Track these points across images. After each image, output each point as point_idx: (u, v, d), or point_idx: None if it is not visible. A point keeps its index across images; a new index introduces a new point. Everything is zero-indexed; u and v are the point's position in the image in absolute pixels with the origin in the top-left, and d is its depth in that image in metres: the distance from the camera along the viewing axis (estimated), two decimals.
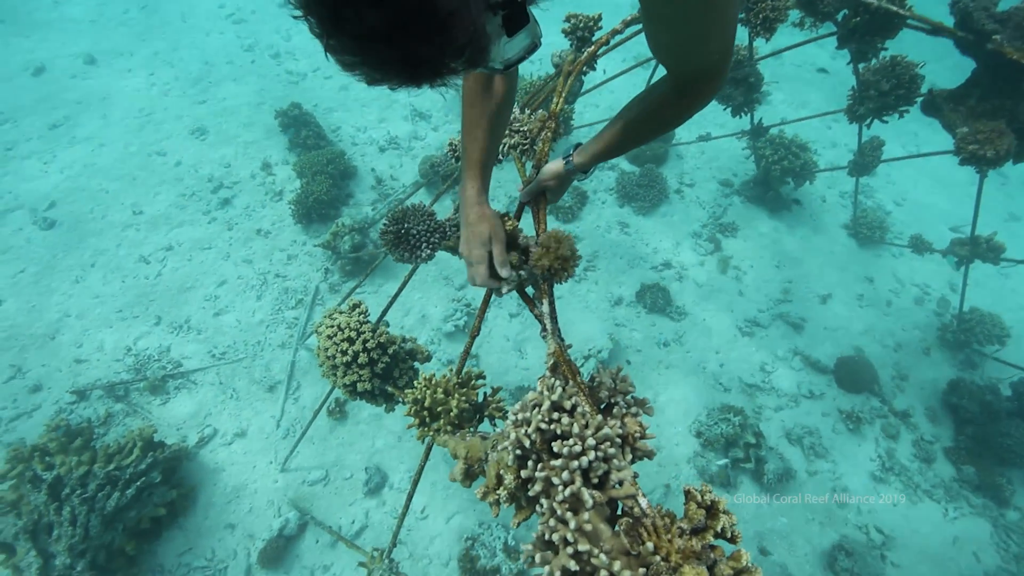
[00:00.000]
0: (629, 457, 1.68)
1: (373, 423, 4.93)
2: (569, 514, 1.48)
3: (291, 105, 6.72)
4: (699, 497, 1.61)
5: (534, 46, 1.10)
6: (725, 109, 4.97)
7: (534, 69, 6.87)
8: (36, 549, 3.75)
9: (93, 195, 6.12)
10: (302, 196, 5.96)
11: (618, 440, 1.64)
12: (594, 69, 2.89)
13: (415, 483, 2.79)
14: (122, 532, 4.00)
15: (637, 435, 1.69)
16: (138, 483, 4.06)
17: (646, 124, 1.50)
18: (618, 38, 2.75)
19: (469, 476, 2.13)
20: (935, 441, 5.31)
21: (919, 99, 3.84)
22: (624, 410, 1.74)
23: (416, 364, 3.35)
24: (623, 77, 5.27)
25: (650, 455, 1.73)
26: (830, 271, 6.56)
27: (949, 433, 5.39)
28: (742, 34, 4.18)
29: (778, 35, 3.81)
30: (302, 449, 4.76)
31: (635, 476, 1.62)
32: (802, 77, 9.83)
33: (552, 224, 6.60)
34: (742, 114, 4.91)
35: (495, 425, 2.51)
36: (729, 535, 1.54)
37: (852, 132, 5.61)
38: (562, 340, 1.93)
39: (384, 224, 2.94)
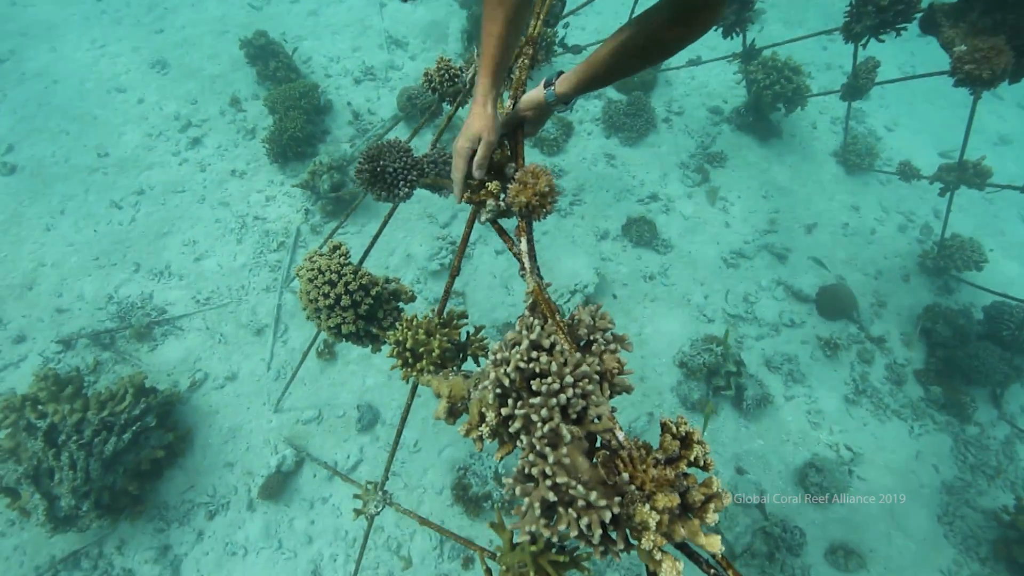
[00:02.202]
0: (608, 393, 1.70)
1: (363, 363, 5.00)
2: (548, 449, 1.52)
3: (256, 33, 6.25)
4: (674, 429, 1.65)
5: None
6: (716, 30, 4.71)
7: None
8: (40, 492, 3.86)
9: (53, 136, 5.79)
10: (276, 134, 5.69)
11: (596, 377, 1.66)
12: None
13: (403, 420, 2.86)
14: (123, 474, 4.12)
15: (615, 371, 1.71)
16: (134, 427, 4.14)
17: (640, 51, 1.40)
18: None
19: (452, 414, 2.17)
20: (907, 364, 5.52)
21: (918, 15, 3.64)
22: (603, 347, 1.75)
23: (401, 304, 3.34)
24: None
25: (628, 390, 1.76)
26: (817, 200, 6.53)
27: (921, 357, 5.60)
28: None
29: None
30: (294, 390, 4.85)
31: (613, 411, 1.66)
32: None
33: (536, 158, 6.43)
34: (734, 34, 4.66)
35: (478, 363, 2.55)
36: (702, 463, 1.60)
37: (848, 53, 5.36)
38: (541, 278, 1.91)
39: (359, 162, 2.82)
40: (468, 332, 2.54)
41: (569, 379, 1.55)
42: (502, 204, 1.88)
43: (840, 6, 5.07)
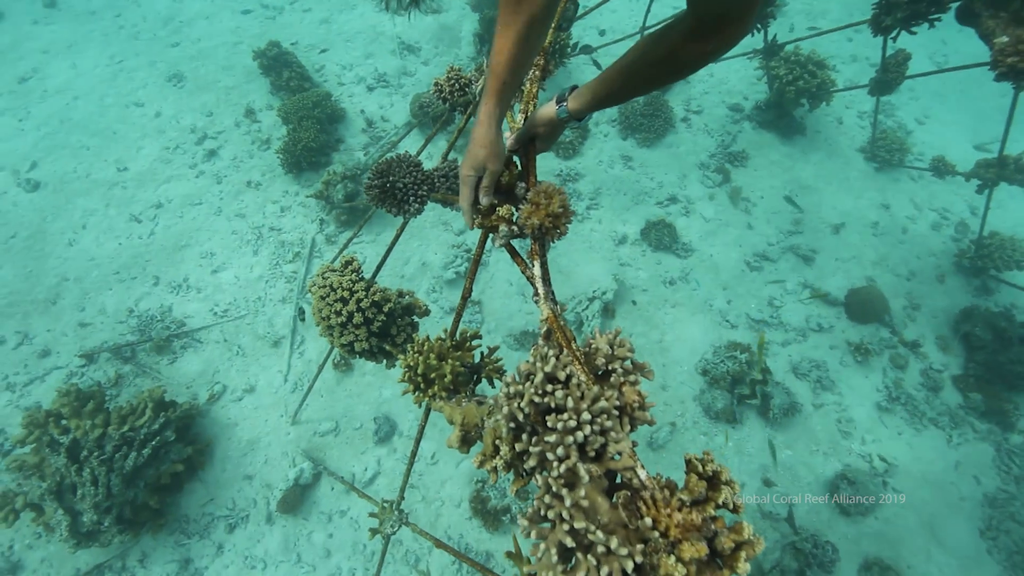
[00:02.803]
0: (628, 428, 1.60)
1: (379, 374, 4.96)
2: (565, 490, 1.42)
3: (269, 44, 6.26)
4: (700, 467, 1.54)
5: None
6: None
7: None
8: (63, 508, 3.90)
9: (74, 152, 5.89)
10: (289, 144, 5.68)
11: (615, 412, 1.55)
12: None
13: (417, 441, 2.79)
14: (144, 488, 4.14)
15: (636, 404, 1.60)
16: (153, 442, 4.16)
17: (656, 69, 1.30)
18: None
19: (466, 442, 2.09)
20: (944, 370, 5.27)
21: (954, 5, 3.44)
22: (622, 377, 1.64)
23: (415, 318, 3.28)
24: None
25: (650, 423, 1.65)
26: (844, 199, 6.28)
27: (959, 362, 5.34)
28: None
29: None
30: (311, 402, 4.83)
31: (634, 446, 1.56)
32: None
33: (552, 161, 6.32)
34: (754, 31, 4.48)
35: (493, 385, 2.46)
36: (731, 506, 1.48)
37: (875, 44, 5.15)
38: (556, 303, 1.81)
39: (368, 178, 2.76)
40: (483, 352, 2.46)
41: (586, 416, 1.46)
42: (515, 228, 1.79)
43: None
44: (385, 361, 3.23)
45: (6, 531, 4.28)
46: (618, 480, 1.56)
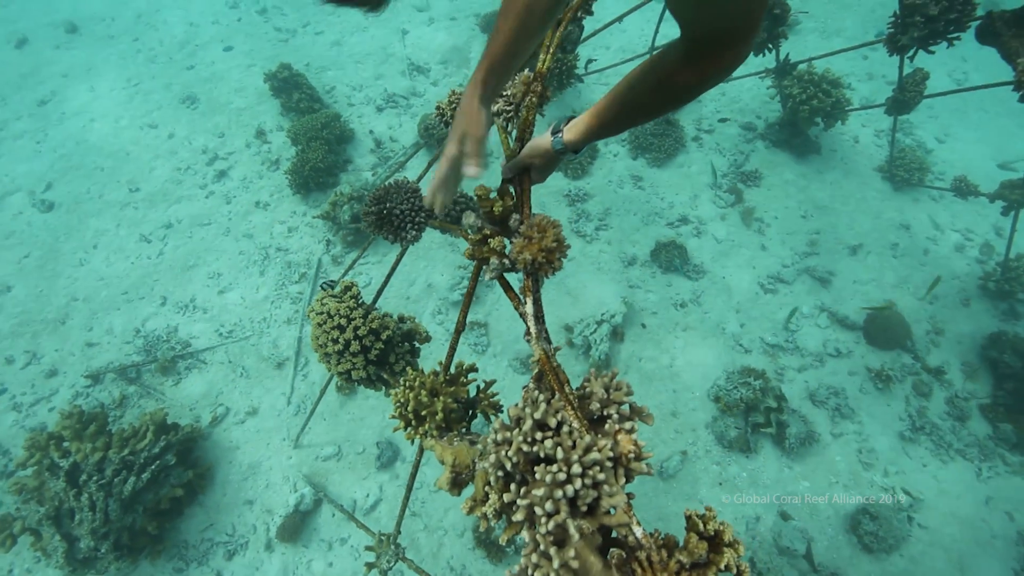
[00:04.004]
0: (623, 480, 1.49)
1: (382, 398, 4.88)
2: (553, 549, 1.31)
3: (280, 67, 6.35)
4: (701, 525, 1.42)
5: None
6: None
7: None
8: (60, 534, 3.86)
9: (88, 173, 5.99)
10: (298, 165, 5.71)
11: (609, 464, 1.44)
12: (590, 13, 2.51)
13: (412, 476, 2.69)
14: (143, 513, 4.09)
15: (632, 455, 1.49)
16: (152, 467, 4.11)
17: (652, 96, 1.22)
18: None
19: (456, 485, 1.99)
20: (970, 398, 5.02)
21: (974, 24, 3.32)
22: (617, 424, 1.53)
23: (416, 344, 3.20)
24: (635, 13, 4.76)
25: (647, 474, 1.54)
26: (862, 219, 6.10)
27: (987, 390, 5.09)
28: None
29: None
30: (314, 425, 4.76)
31: (630, 499, 1.44)
32: (837, 0, 8.89)
33: (561, 181, 6.26)
34: (765, 51, 4.40)
35: (490, 420, 2.36)
36: (735, 570, 1.36)
37: (892, 61, 5.00)
38: (549, 343, 1.71)
39: (365, 204, 2.71)
40: (479, 386, 2.36)
41: (577, 468, 1.35)
42: (506, 262, 1.70)
43: (881, 12, 4.72)
44: (384, 388, 3.15)
45: (5, 556, 4.24)
46: (614, 535, 1.45)
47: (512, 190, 1.88)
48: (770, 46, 4.39)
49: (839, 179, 6.41)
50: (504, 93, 2.22)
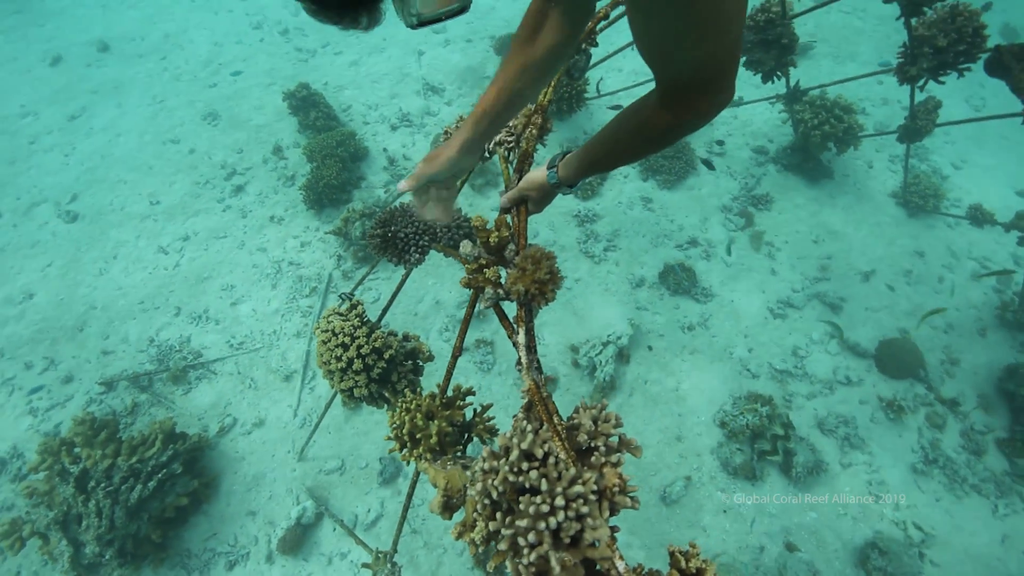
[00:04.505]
0: (607, 514, 1.49)
1: (386, 414, 4.90)
2: None
3: (299, 86, 6.54)
4: (683, 562, 1.42)
5: (461, 8, 0.87)
6: (755, 74, 4.49)
7: None
8: (67, 539, 3.93)
9: (112, 186, 6.19)
10: (312, 181, 5.85)
11: (593, 497, 1.45)
12: (595, 45, 2.57)
13: (409, 496, 2.70)
14: (147, 521, 4.14)
15: (617, 488, 1.50)
16: (159, 475, 4.18)
17: (635, 138, 1.23)
18: (620, 10, 2.41)
19: (448, 508, 2.00)
20: (987, 432, 4.90)
21: (984, 56, 3.32)
22: (603, 457, 1.54)
23: (420, 363, 3.23)
24: None
25: (632, 507, 1.54)
26: (874, 245, 6.04)
27: (1004, 423, 4.96)
28: None
29: None
30: (318, 438, 4.80)
31: (614, 532, 1.45)
32: (851, 25, 8.91)
33: (571, 202, 6.31)
34: (774, 79, 4.42)
35: (486, 444, 2.38)
36: None
37: (907, 87, 5.00)
38: (541, 374, 1.73)
39: (371, 227, 2.78)
40: (475, 410, 2.38)
41: (560, 500, 1.36)
42: (501, 291, 1.74)
43: (897, 39, 4.73)
44: (386, 406, 3.18)
45: (15, 558, 4.32)
46: (597, 568, 1.46)
47: (509, 220, 1.92)
48: (779, 74, 4.41)
49: (852, 204, 6.37)
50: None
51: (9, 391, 5.07)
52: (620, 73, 7.63)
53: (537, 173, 1.70)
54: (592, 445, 1.61)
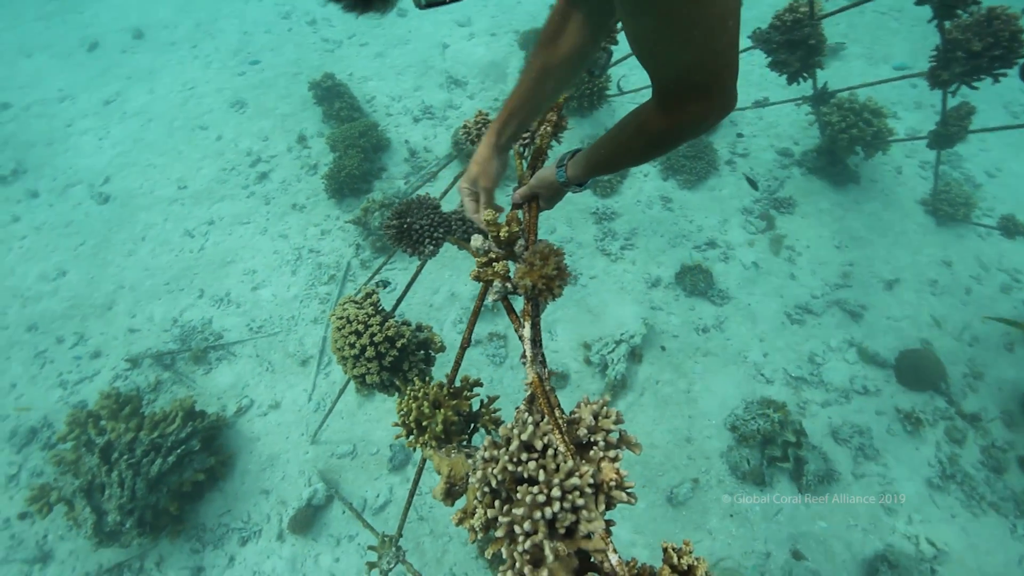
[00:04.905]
0: (603, 507, 1.52)
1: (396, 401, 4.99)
2: (528, 568, 1.36)
3: (324, 76, 6.64)
4: (675, 559, 1.44)
5: None
6: (781, 76, 4.41)
7: None
8: (91, 506, 4.10)
9: (143, 170, 6.38)
10: (334, 171, 5.94)
11: (589, 490, 1.48)
12: (615, 43, 2.57)
13: (415, 482, 2.76)
14: (166, 494, 4.30)
15: (613, 483, 1.52)
16: (178, 450, 4.33)
17: (634, 141, 1.24)
18: None
19: (450, 495, 2.05)
20: (1009, 449, 4.76)
21: (1021, 61, 3.21)
22: (602, 453, 1.57)
23: (432, 353, 3.28)
24: None
25: (628, 502, 1.56)
26: (900, 253, 5.89)
27: None
28: None
29: None
30: (331, 423, 4.91)
31: (608, 526, 1.48)
32: (886, 26, 8.65)
33: (589, 199, 6.30)
34: (800, 80, 4.34)
35: (491, 435, 2.41)
36: None
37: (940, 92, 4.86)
38: (544, 367, 1.76)
39: (387, 218, 2.83)
40: (482, 400, 2.42)
41: (556, 492, 1.39)
42: (509, 285, 1.77)
43: (933, 40, 4.61)
44: (396, 395, 3.24)
45: (42, 521, 4.53)
46: (591, 560, 1.48)
47: (520, 216, 1.94)
48: (805, 75, 4.33)
49: (878, 210, 6.22)
50: None
51: (41, 364, 5.28)
52: (643, 71, 7.55)
53: (547, 171, 1.72)
54: (592, 440, 1.64)
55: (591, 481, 1.51)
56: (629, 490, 1.53)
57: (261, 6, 8.67)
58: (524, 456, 1.50)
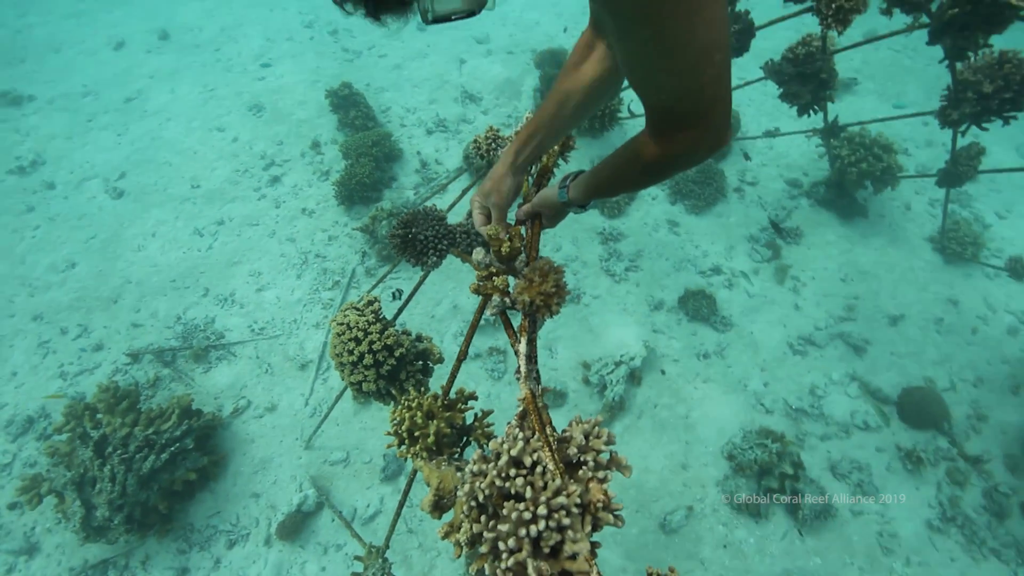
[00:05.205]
0: (589, 528, 1.50)
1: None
2: None
3: (341, 85, 6.76)
4: None
5: (470, 12, 0.89)
6: (791, 107, 4.45)
7: None
8: (80, 500, 4.08)
9: (158, 167, 6.48)
10: (345, 178, 6.01)
11: (576, 510, 1.46)
12: None
13: (405, 493, 2.74)
14: (156, 492, 4.28)
15: (600, 504, 1.50)
16: (172, 448, 4.32)
17: (628, 166, 1.24)
18: None
19: (438, 508, 2.03)
20: (1012, 494, 4.67)
21: None
22: (591, 473, 1.55)
23: (430, 364, 3.28)
24: None
25: (615, 526, 1.55)
26: (906, 289, 5.86)
27: None
28: (815, 22, 3.68)
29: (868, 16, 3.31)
30: (326, 429, 4.89)
31: (594, 548, 1.46)
32: (899, 64, 8.74)
33: (596, 219, 6.32)
34: (810, 113, 4.37)
35: (483, 449, 2.40)
36: None
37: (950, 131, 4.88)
38: (538, 384, 1.76)
39: (393, 227, 2.85)
40: (476, 414, 2.41)
41: (543, 510, 1.38)
42: (507, 300, 1.78)
43: (945, 81, 4.65)
44: (392, 404, 3.23)
45: (31, 513, 4.51)
46: None
47: (523, 231, 1.96)
48: (815, 108, 4.36)
49: (885, 245, 6.21)
50: None
51: (44, 353, 5.32)
52: None
53: (550, 190, 1.73)
54: (581, 459, 1.63)
55: (578, 501, 1.49)
56: (617, 512, 1.52)
57: (285, 14, 8.88)
58: (512, 472, 1.49)
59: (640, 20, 0.78)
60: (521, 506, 1.38)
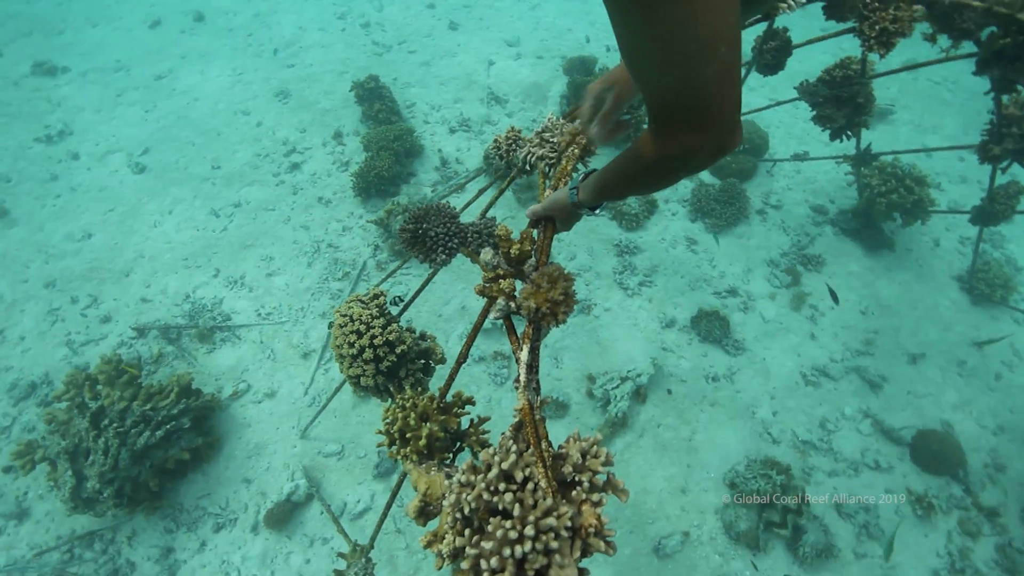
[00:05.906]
0: (578, 554, 1.41)
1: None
2: None
3: (368, 77, 6.76)
4: None
5: None
6: (824, 130, 4.32)
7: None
8: (72, 470, 4.07)
9: (181, 146, 6.53)
10: (364, 170, 5.99)
11: (565, 533, 1.37)
12: None
13: (394, 494, 2.66)
14: (148, 468, 4.26)
15: (592, 529, 1.41)
16: (168, 426, 4.30)
17: (631, 167, 1.16)
18: None
19: (423, 515, 1.95)
20: None
21: None
22: (584, 495, 1.46)
23: (432, 363, 3.21)
24: None
25: (606, 552, 1.45)
26: (929, 327, 5.67)
27: None
28: (854, 45, 3.57)
29: (907, 44, 3.19)
30: (324, 420, 4.84)
31: (582, 575, 1.37)
32: (938, 96, 8.52)
33: (613, 230, 6.23)
34: (843, 138, 4.24)
35: (476, 456, 2.32)
36: None
37: (988, 167, 4.71)
38: (537, 395, 1.67)
39: (404, 221, 2.79)
40: (472, 420, 2.33)
41: (530, 530, 1.29)
42: (512, 304, 1.69)
43: (985, 117, 4.48)
44: (388, 400, 3.17)
45: (24, 478, 4.52)
46: None
47: (535, 234, 1.88)
48: (848, 133, 4.23)
49: (910, 280, 6.01)
50: (550, 140, 2.25)
51: (52, 320, 5.35)
52: None
53: (562, 191, 1.66)
54: (576, 479, 1.54)
55: (569, 523, 1.40)
56: (609, 539, 1.42)
57: (319, 4, 8.95)
58: (502, 486, 1.41)
59: (631, 1, 0.69)
60: (508, 524, 1.30)
